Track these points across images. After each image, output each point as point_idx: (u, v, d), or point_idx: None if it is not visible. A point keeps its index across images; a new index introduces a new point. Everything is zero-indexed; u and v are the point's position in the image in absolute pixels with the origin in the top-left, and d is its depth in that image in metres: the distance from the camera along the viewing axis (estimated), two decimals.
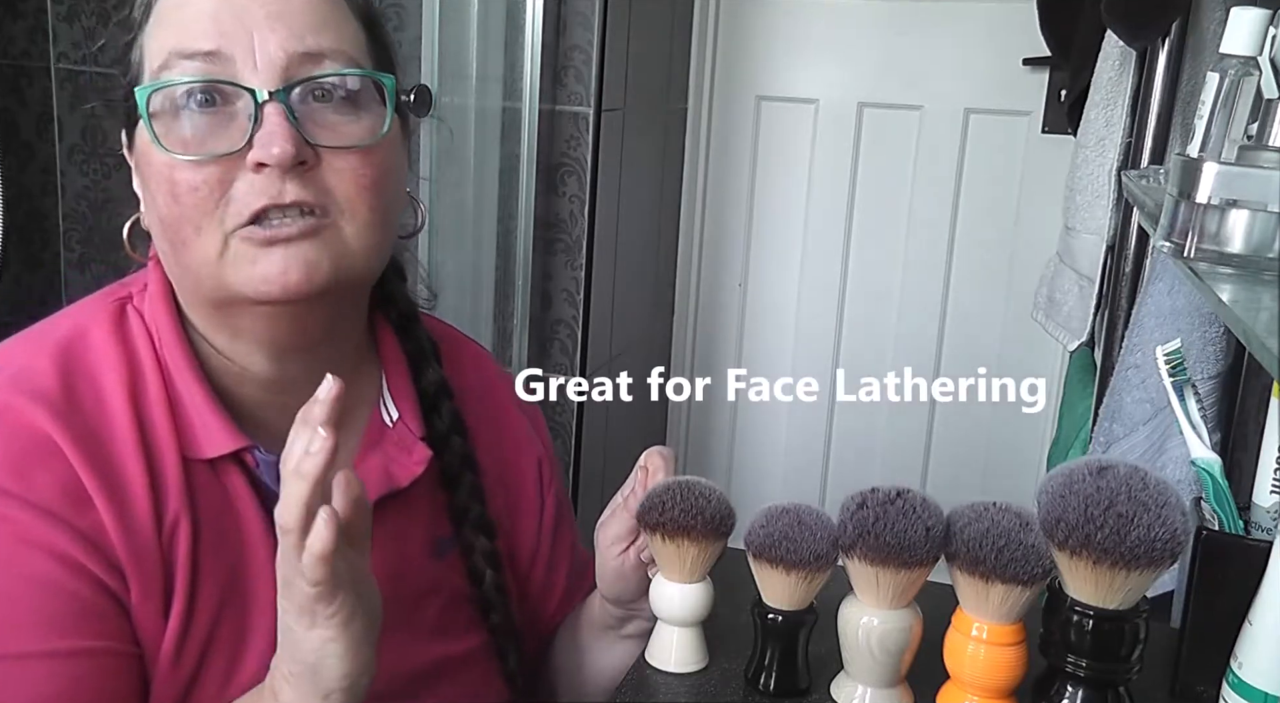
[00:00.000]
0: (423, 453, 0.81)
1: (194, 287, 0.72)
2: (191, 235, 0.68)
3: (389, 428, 0.81)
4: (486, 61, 1.71)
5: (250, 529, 0.73)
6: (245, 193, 0.67)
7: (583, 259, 1.84)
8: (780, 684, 0.84)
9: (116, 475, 0.69)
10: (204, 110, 0.67)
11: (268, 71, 0.67)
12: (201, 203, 0.67)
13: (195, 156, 0.67)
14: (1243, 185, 0.71)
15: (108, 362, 0.72)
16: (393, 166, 0.74)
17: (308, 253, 0.68)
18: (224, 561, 0.72)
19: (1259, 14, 0.74)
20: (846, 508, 0.79)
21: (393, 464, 0.80)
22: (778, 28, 2.20)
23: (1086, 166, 1.45)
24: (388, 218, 0.74)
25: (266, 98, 0.67)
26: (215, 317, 0.74)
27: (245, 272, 0.68)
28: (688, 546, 0.84)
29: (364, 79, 0.71)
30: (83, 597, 0.67)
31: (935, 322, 2.23)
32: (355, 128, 0.71)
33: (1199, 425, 0.88)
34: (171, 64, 0.68)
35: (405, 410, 0.82)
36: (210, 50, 0.67)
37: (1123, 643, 0.73)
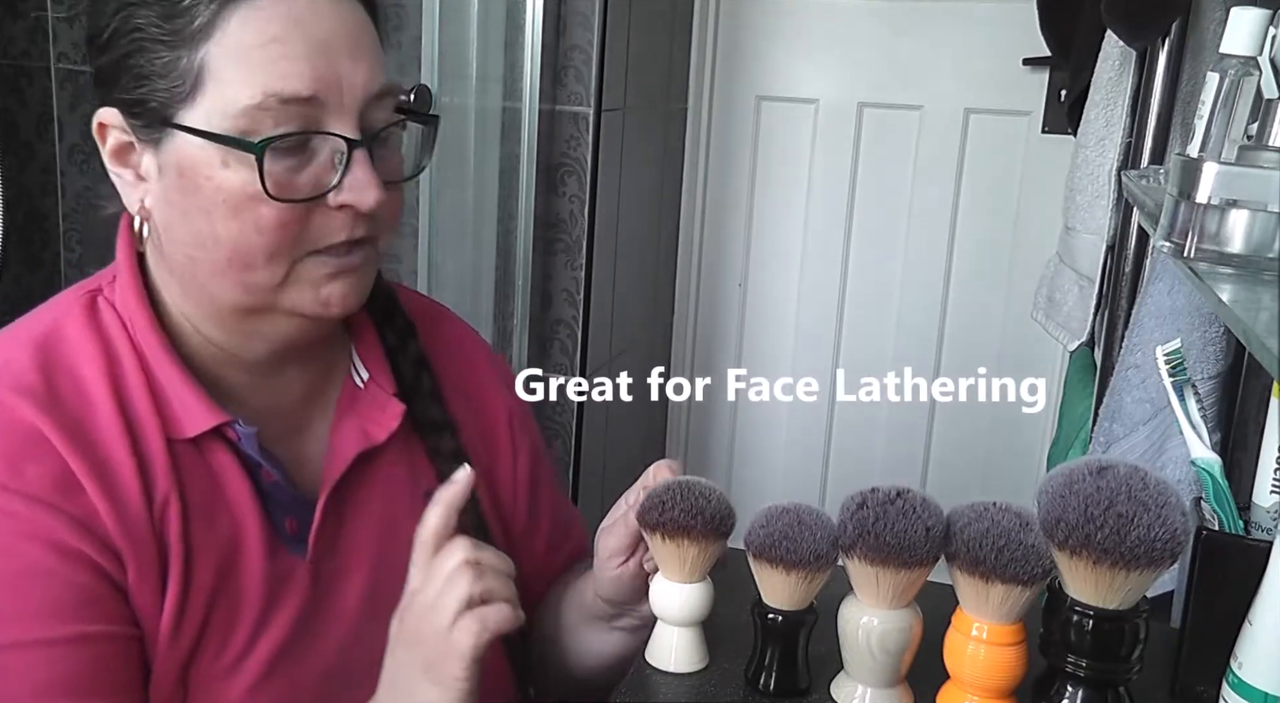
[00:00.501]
0: (396, 408, 0.83)
1: (233, 299, 0.74)
2: (262, 262, 0.71)
3: (361, 390, 0.83)
4: (486, 61, 1.71)
5: (239, 502, 0.75)
6: (323, 227, 0.71)
7: (583, 259, 1.84)
8: (780, 684, 0.84)
9: (104, 461, 0.70)
10: (292, 153, 0.70)
11: (352, 113, 0.71)
12: (286, 237, 0.71)
13: (290, 198, 0.70)
14: (1243, 185, 0.71)
15: (84, 353, 0.74)
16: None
17: (356, 281, 0.74)
18: (216, 535, 0.74)
19: (1259, 14, 0.74)
20: (846, 508, 0.79)
21: (368, 423, 0.82)
22: (778, 28, 2.20)
23: (1086, 166, 1.45)
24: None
25: (359, 144, 0.71)
26: (230, 319, 0.75)
27: (307, 294, 0.73)
28: (688, 546, 0.84)
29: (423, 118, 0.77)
30: (81, 583, 0.68)
31: (935, 322, 2.23)
32: (400, 161, 0.76)
33: (1199, 425, 0.88)
34: (269, 106, 0.68)
35: (375, 371, 0.84)
36: (310, 97, 0.69)
37: (1123, 643, 0.73)
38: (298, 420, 0.81)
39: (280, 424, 0.80)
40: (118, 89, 0.72)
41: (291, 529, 0.78)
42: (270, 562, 0.75)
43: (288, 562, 0.77)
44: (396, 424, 0.82)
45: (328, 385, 0.83)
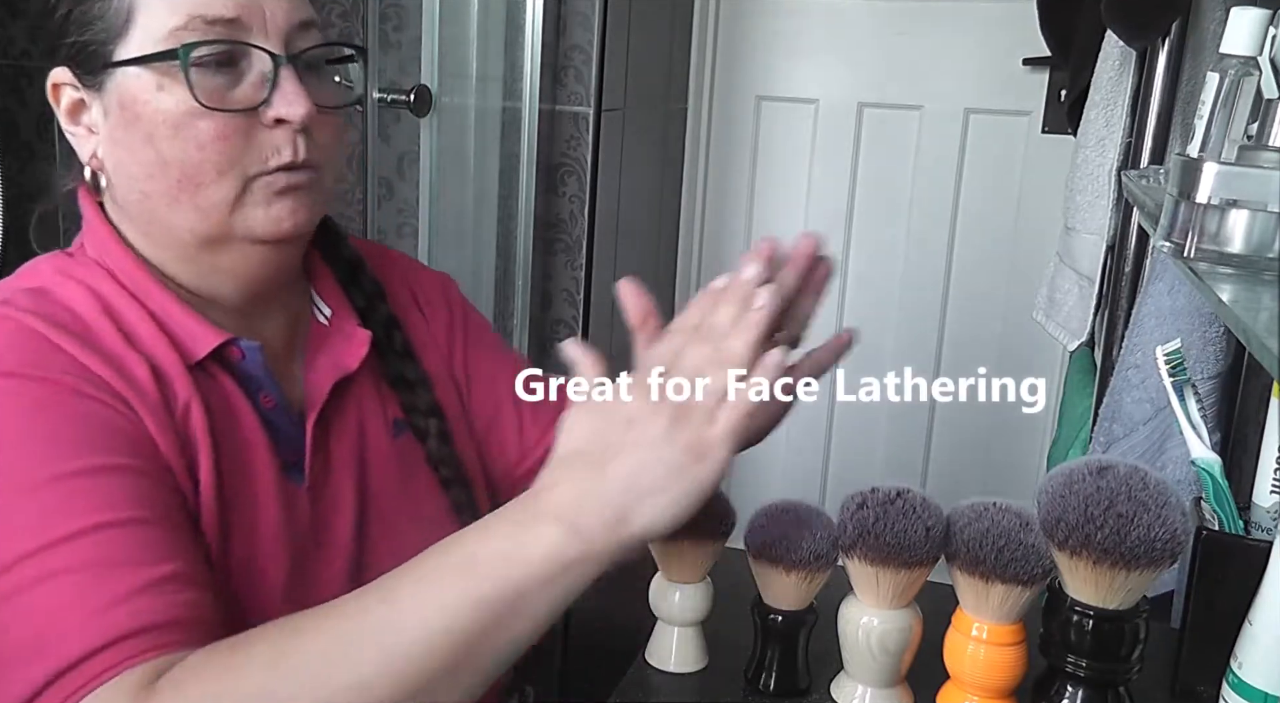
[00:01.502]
0: (363, 335, 0.87)
1: (188, 225, 0.77)
2: (212, 179, 0.75)
3: (327, 327, 0.88)
4: (486, 61, 1.71)
5: (248, 424, 0.79)
6: (264, 145, 0.76)
7: (583, 259, 1.84)
8: (780, 684, 0.84)
9: (125, 371, 0.73)
10: (221, 68, 0.75)
11: (277, 38, 0.76)
12: (228, 150, 0.75)
13: (222, 107, 0.75)
14: (1243, 185, 0.71)
15: (75, 297, 0.77)
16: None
17: (305, 199, 0.79)
18: (236, 448, 0.77)
19: (1259, 14, 0.74)
20: (846, 508, 0.80)
21: (339, 354, 0.86)
22: (778, 28, 2.20)
23: (1086, 166, 1.45)
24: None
25: (284, 62, 0.76)
26: (196, 254, 0.79)
27: (260, 214, 0.77)
28: (688, 545, 0.84)
29: (349, 48, 0.82)
30: (123, 428, 0.71)
31: (935, 322, 2.23)
32: (339, 91, 0.81)
33: (1199, 425, 0.88)
34: (193, 27, 0.74)
35: (337, 307, 0.89)
36: (232, 18, 0.75)
37: (1123, 643, 0.73)
38: (281, 365, 0.85)
39: (270, 365, 0.83)
40: (64, 45, 0.77)
41: (289, 457, 0.81)
42: (280, 484, 0.79)
43: (289, 487, 0.80)
44: (365, 350, 0.87)
45: (297, 330, 0.87)
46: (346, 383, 0.86)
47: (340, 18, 1.82)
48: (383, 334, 0.90)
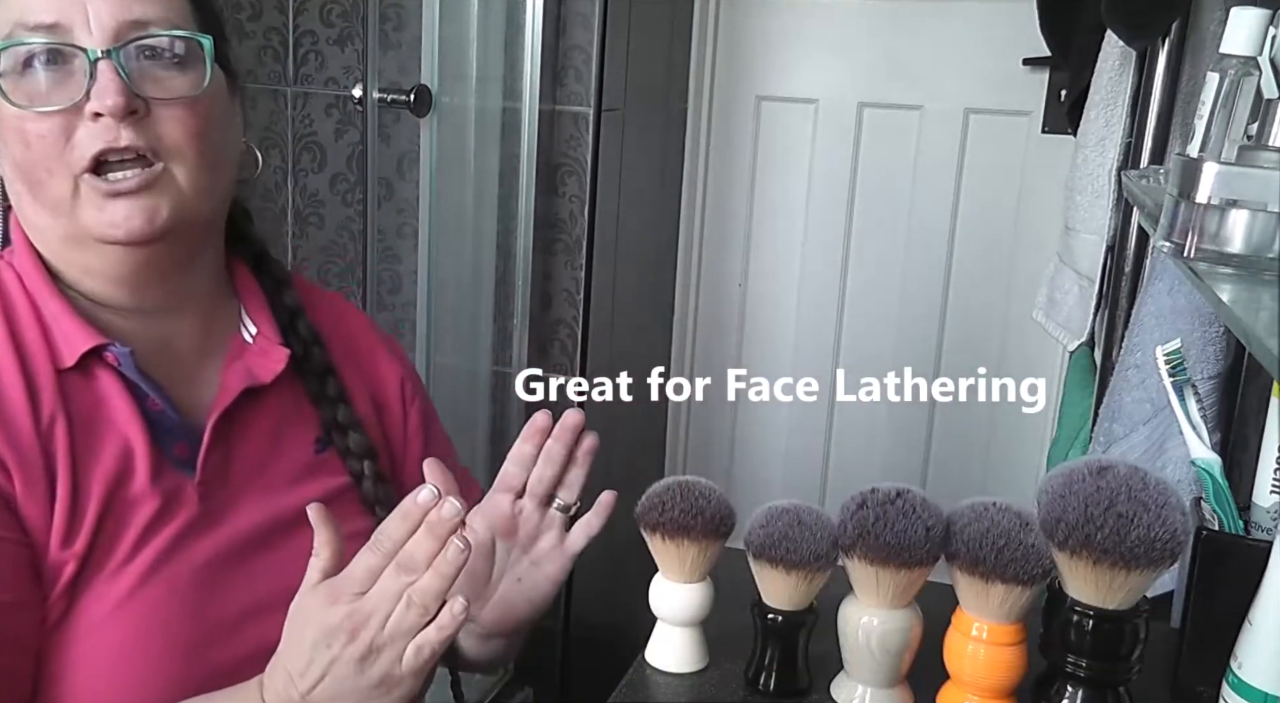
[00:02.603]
0: (281, 353, 0.89)
1: (50, 224, 0.81)
2: (45, 177, 0.78)
3: (250, 344, 0.90)
4: (486, 61, 1.71)
5: (126, 423, 0.81)
6: (85, 138, 0.77)
7: (583, 259, 1.84)
8: (780, 684, 0.84)
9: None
10: (46, 68, 0.77)
11: (100, 36, 0.77)
12: (49, 148, 0.77)
13: (41, 108, 0.77)
14: (1243, 185, 0.71)
15: None
16: (217, 118, 0.83)
17: (146, 201, 0.78)
18: (104, 453, 0.80)
19: (1259, 14, 0.74)
20: (846, 508, 0.80)
21: (255, 366, 0.88)
22: (778, 28, 2.20)
23: (1086, 166, 1.45)
24: (216, 163, 0.83)
25: (100, 56, 0.76)
26: (68, 253, 0.82)
27: (93, 216, 0.78)
28: (688, 546, 0.84)
29: (187, 40, 0.81)
30: None
31: (935, 322, 2.23)
32: (180, 82, 0.80)
33: (1199, 425, 0.88)
34: (16, 34, 0.77)
35: (264, 328, 0.90)
36: (51, 23, 0.77)
37: (1123, 643, 0.73)
38: (190, 370, 0.87)
39: (170, 370, 0.86)
40: None
41: (181, 453, 0.83)
42: (158, 478, 0.81)
43: (176, 480, 0.82)
44: (281, 367, 0.88)
45: (217, 342, 0.89)
46: (261, 393, 0.87)
47: (340, 18, 1.82)
48: (301, 351, 0.91)
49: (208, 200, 0.83)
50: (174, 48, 0.80)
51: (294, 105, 1.89)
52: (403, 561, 0.71)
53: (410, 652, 0.70)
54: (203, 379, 0.87)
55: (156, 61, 0.79)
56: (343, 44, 1.84)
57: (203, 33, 0.83)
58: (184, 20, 0.82)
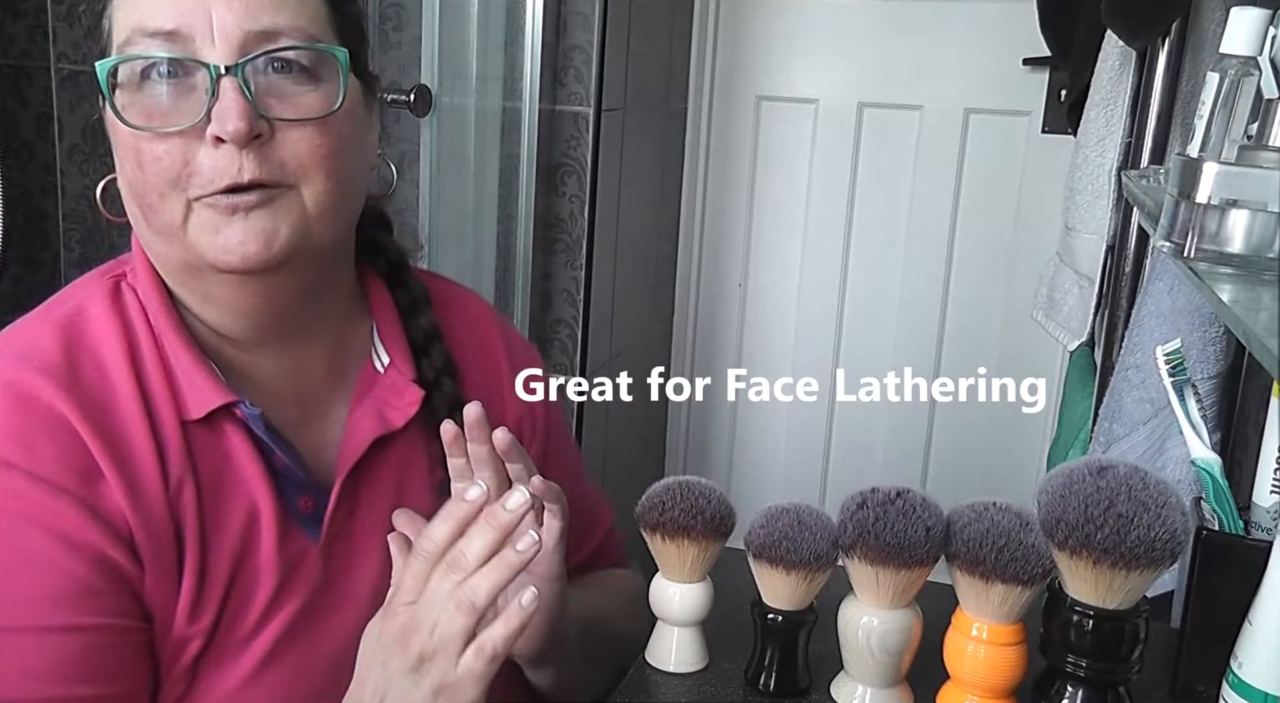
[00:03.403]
0: (415, 394, 0.83)
1: (164, 250, 0.75)
2: (157, 201, 0.71)
3: (380, 375, 0.83)
4: (486, 61, 1.71)
5: (253, 482, 0.76)
6: (208, 169, 0.70)
7: (583, 259, 1.84)
8: (780, 684, 0.84)
9: (123, 444, 0.71)
10: (165, 82, 0.70)
11: (225, 48, 0.70)
12: (164, 172, 0.70)
13: (157, 129, 0.70)
14: (1243, 185, 0.71)
15: (106, 335, 0.75)
16: (351, 136, 0.76)
17: (265, 222, 0.71)
18: (232, 516, 0.75)
19: (1259, 14, 0.74)
20: (846, 508, 0.79)
21: (386, 407, 0.81)
22: (778, 28, 2.20)
23: (1086, 166, 1.45)
24: (348, 186, 0.76)
25: (223, 72, 0.69)
26: (187, 281, 0.76)
27: (208, 240, 0.71)
28: (688, 546, 0.84)
29: (321, 53, 0.73)
30: (81, 576, 0.69)
31: (935, 322, 2.23)
32: (312, 99, 0.73)
33: (1199, 425, 0.88)
34: (134, 40, 0.71)
35: (396, 356, 0.84)
36: (171, 30, 0.70)
37: (1123, 643, 0.73)
38: (317, 405, 0.81)
39: (299, 408, 0.80)
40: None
41: (306, 509, 0.78)
42: (283, 544, 0.76)
43: (300, 544, 0.77)
44: (415, 410, 0.82)
45: (347, 369, 0.83)
46: (390, 439, 0.81)
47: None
48: (433, 381, 0.84)
49: (334, 224, 0.75)
50: (307, 61, 0.72)
51: None
52: (451, 559, 0.68)
53: (470, 654, 0.66)
54: (330, 416, 0.81)
55: (286, 76, 0.72)
56: None
57: (340, 43, 0.75)
58: (319, 29, 0.73)
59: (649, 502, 0.85)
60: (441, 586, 0.68)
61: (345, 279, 0.84)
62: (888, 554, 0.77)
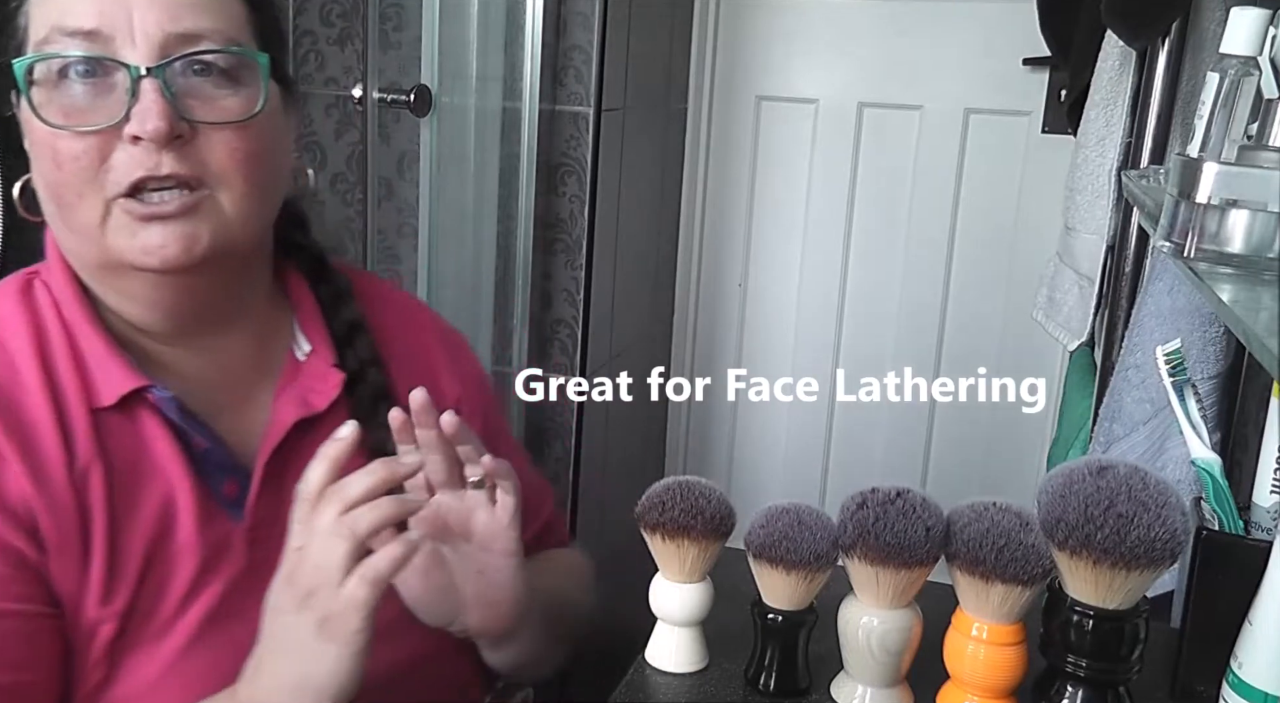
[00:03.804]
0: (336, 377, 0.84)
1: (80, 249, 0.75)
2: (75, 200, 0.72)
3: (303, 363, 0.84)
4: (486, 61, 1.71)
5: (170, 467, 0.76)
6: (124, 163, 0.70)
7: (583, 259, 1.84)
8: (780, 684, 0.84)
9: (26, 430, 0.72)
10: (84, 81, 0.70)
11: (146, 49, 0.70)
12: (82, 171, 0.70)
13: (74, 127, 0.70)
14: (1243, 185, 0.71)
15: (13, 327, 0.76)
16: (270, 139, 0.77)
17: (185, 227, 0.72)
18: (146, 501, 0.75)
19: (1259, 14, 0.74)
20: (846, 508, 0.80)
21: (309, 392, 0.82)
22: (778, 28, 2.20)
23: (1086, 166, 1.45)
24: (266, 188, 0.77)
25: (143, 73, 0.69)
26: (104, 279, 0.77)
27: (125, 242, 0.72)
28: (688, 546, 0.84)
29: (241, 57, 0.74)
30: None
31: (935, 322, 2.23)
32: (232, 103, 0.73)
33: (1199, 425, 0.88)
34: (53, 39, 0.70)
35: (318, 345, 0.85)
36: (91, 29, 0.69)
37: (1123, 643, 0.73)
38: (240, 393, 0.82)
39: (221, 396, 0.81)
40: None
41: (231, 493, 0.78)
42: (204, 527, 0.76)
43: (224, 527, 0.77)
44: (336, 393, 0.83)
45: (269, 359, 0.83)
46: (315, 423, 0.81)
47: (340, 18, 1.82)
48: (358, 370, 0.85)
49: (254, 226, 0.77)
50: (227, 64, 0.73)
51: None
52: (331, 491, 0.68)
53: (352, 582, 0.66)
54: (255, 404, 0.82)
55: (206, 79, 0.72)
56: (343, 44, 1.83)
57: (260, 46, 0.75)
58: (240, 33, 0.74)
59: (649, 502, 0.85)
60: (323, 518, 0.67)
61: (264, 276, 0.84)
62: (888, 554, 0.77)
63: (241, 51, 0.74)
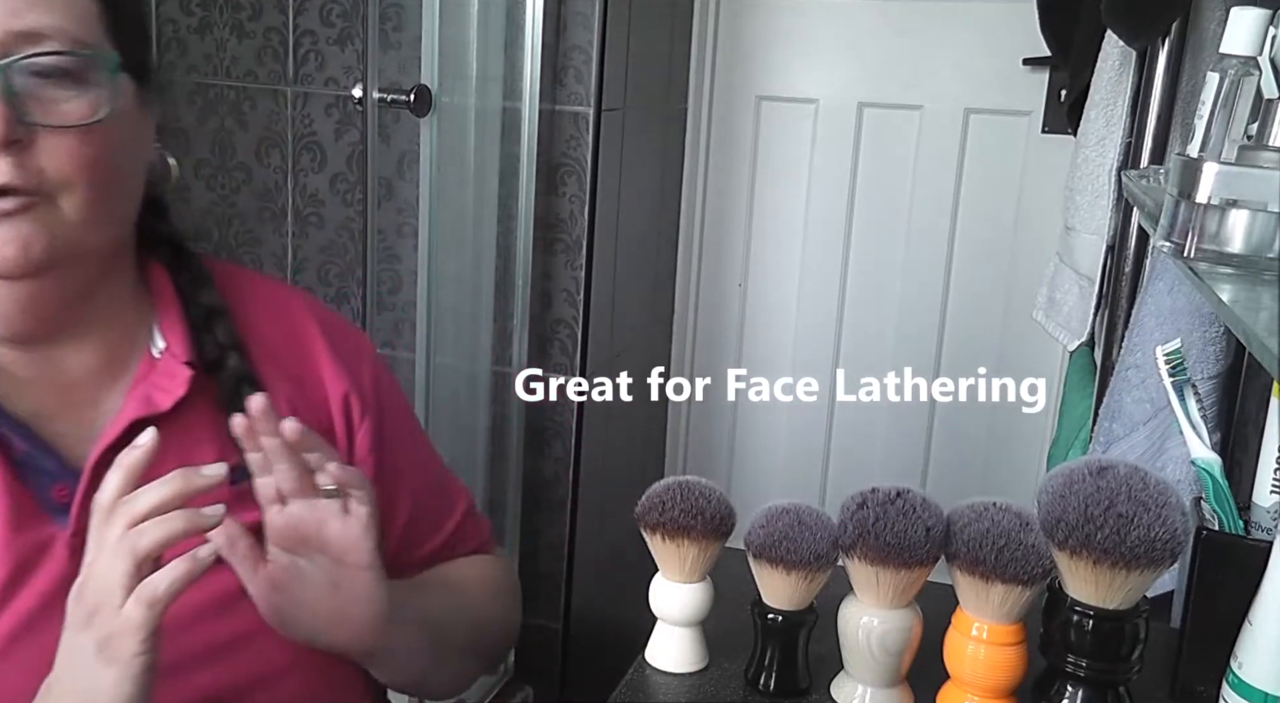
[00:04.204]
0: (184, 374, 0.79)
1: None
2: None
3: (157, 361, 0.79)
4: (486, 61, 1.71)
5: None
6: None
7: (583, 259, 1.84)
8: (780, 684, 0.84)
9: None
10: None
11: None
12: None
13: None
14: (1243, 185, 0.71)
15: None
16: (120, 140, 0.73)
17: (22, 229, 0.68)
18: None
19: (1259, 14, 0.74)
20: (846, 508, 0.80)
21: (154, 391, 0.78)
22: (778, 28, 2.20)
23: (1086, 166, 1.45)
24: (114, 190, 0.74)
25: None
26: None
27: None
28: (688, 546, 0.84)
29: (87, 58, 0.70)
30: None
31: (935, 322, 2.23)
32: (75, 106, 0.69)
33: (1199, 425, 0.88)
34: None
35: (173, 340, 0.80)
36: None
37: (1123, 643, 0.73)
38: (83, 395, 0.78)
39: (58, 399, 0.77)
40: None
41: (59, 498, 0.74)
42: (17, 532, 0.72)
43: (44, 533, 0.73)
44: (183, 390, 0.78)
45: (126, 360, 0.80)
46: (164, 421, 0.76)
47: (340, 18, 1.82)
48: (218, 358, 0.81)
49: (102, 230, 0.73)
50: (71, 66, 0.69)
51: (294, 105, 1.89)
52: (119, 506, 0.64)
53: (130, 603, 0.62)
54: (100, 406, 0.78)
55: (48, 81, 0.68)
56: (343, 44, 1.83)
57: (113, 43, 0.71)
58: (87, 31, 0.70)
59: (649, 502, 0.85)
60: (108, 533, 0.64)
61: (125, 276, 0.81)
62: (888, 554, 0.77)
63: (84, 53, 0.70)
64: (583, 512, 1.94)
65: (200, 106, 1.92)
